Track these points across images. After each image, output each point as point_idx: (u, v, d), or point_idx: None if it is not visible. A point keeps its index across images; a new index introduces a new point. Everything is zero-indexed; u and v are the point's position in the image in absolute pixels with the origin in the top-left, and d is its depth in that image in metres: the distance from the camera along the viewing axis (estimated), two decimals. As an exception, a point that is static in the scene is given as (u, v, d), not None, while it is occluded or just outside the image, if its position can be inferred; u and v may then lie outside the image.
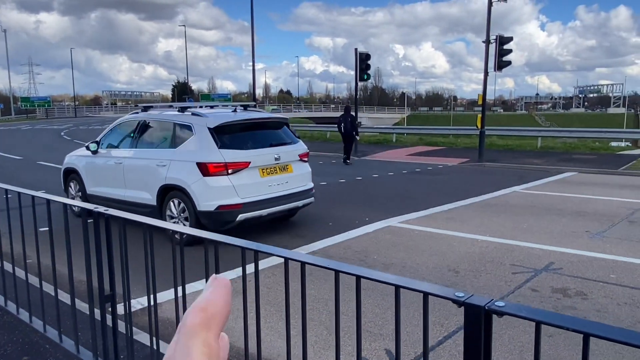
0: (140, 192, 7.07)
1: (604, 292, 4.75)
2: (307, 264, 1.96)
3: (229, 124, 6.70)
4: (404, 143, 23.03)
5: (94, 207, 2.95)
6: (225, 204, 6.35)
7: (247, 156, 6.56)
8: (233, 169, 6.40)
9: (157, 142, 7.23)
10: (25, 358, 3.44)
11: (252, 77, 30.05)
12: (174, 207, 6.71)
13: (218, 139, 6.45)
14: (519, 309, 1.39)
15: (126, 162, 7.33)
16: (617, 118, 67.64)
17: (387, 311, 4.29)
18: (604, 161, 15.31)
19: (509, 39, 15.92)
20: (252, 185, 6.57)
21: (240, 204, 6.42)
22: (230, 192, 6.37)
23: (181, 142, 6.76)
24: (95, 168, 7.97)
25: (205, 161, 6.34)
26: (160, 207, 6.80)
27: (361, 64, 18.36)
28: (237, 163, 6.43)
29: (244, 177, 6.48)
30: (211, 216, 6.39)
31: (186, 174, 6.47)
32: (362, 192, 10.94)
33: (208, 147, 6.43)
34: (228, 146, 6.50)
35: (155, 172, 6.80)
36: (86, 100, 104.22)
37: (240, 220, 6.47)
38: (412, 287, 1.64)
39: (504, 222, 7.69)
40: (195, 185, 6.38)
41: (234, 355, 3.61)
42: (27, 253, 3.84)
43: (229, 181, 6.37)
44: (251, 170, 6.56)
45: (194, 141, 6.58)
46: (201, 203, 6.35)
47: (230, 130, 6.73)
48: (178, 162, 6.61)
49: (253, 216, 6.61)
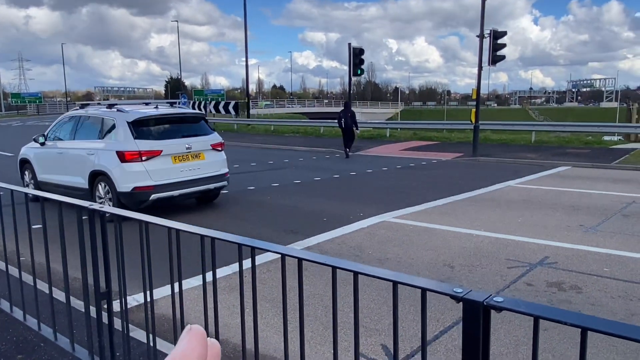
0: (76, 177, 8.23)
1: (598, 286, 4.78)
2: (304, 260, 1.96)
3: (145, 118, 7.85)
4: (397, 138, 23.05)
5: (89, 204, 2.93)
6: (139, 185, 7.51)
7: (159, 145, 7.72)
8: (146, 156, 7.56)
9: (89, 134, 8.35)
10: (20, 357, 3.41)
11: (245, 72, 29.91)
12: (101, 189, 7.88)
13: (134, 131, 7.63)
14: (517, 304, 1.39)
15: (65, 152, 8.55)
16: (610, 112, 68.04)
17: (382, 306, 4.29)
18: (597, 155, 15.40)
19: (502, 34, 15.94)
20: (164, 170, 7.71)
21: (153, 185, 7.59)
22: (144, 175, 7.53)
23: (106, 134, 7.98)
24: (43, 158, 9.15)
25: (123, 150, 7.53)
26: (91, 189, 7.98)
27: (354, 58, 18.33)
28: (150, 151, 7.60)
29: (156, 163, 7.65)
30: (128, 196, 7.54)
31: (108, 161, 7.64)
32: (356, 188, 10.94)
33: (125, 138, 7.62)
34: (143, 137, 7.68)
35: (87, 160, 8.00)
36: (78, 96, 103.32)
37: (153, 199, 7.62)
38: (410, 283, 1.63)
39: (498, 217, 7.72)
40: (115, 170, 7.56)
41: (232, 351, 3.61)
42: (21, 251, 3.81)
43: (143, 167, 7.53)
44: (163, 158, 7.72)
45: (115, 133, 7.80)
46: (120, 185, 7.53)
47: (147, 123, 7.89)
48: (103, 151, 7.81)
49: (165, 196, 7.77)
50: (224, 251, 2.45)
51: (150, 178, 7.57)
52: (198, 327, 0.46)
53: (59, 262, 3.26)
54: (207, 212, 8.55)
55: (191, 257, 2.33)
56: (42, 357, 3.40)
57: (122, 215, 2.71)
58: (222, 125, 32.89)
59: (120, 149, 7.54)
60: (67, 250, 3.16)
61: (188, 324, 0.50)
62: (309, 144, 21.03)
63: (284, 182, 11.57)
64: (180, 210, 8.52)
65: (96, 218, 2.88)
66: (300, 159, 16.41)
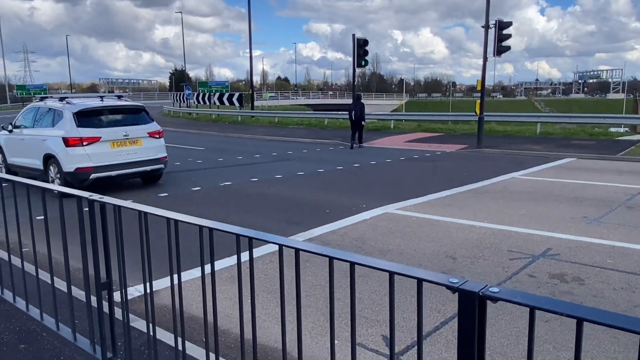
0: (35, 160, 9.65)
1: (601, 278, 4.76)
2: (302, 251, 1.95)
3: (88, 109, 9.21)
4: (402, 129, 22.97)
5: (89, 195, 2.94)
6: (81, 166, 8.88)
7: (98, 132, 9.07)
8: (87, 141, 8.91)
9: (44, 123, 9.70)
10: (22, 346, 3.44)
11: (250, 64, 29.80)
12: (52, 170, 9.25)
13: (78, 121, 8.99)
14: (513, 295, 1.38)
15: (27, 138, 10.02)
16: (617, 104, 67.49)
17: (384, 297, 4.29)
18: (602, 147, 15.29)
19: (508, 24, 15.79)
20: (103, 154, 9.05)
21: (92, 167, 8.95)
22: (85, 158, 8.88)
23: (56, 122, 9.31)
24: (10, 143, 10.64)
25: (67, 136, 8.89)
26: (46, 170, 9.41)
27: (359, 49, 18.23)
28: (90, 137, 8.94)
29: (96, 147, 8.98)
30: (72, 175, 8.89)
31: (56, 145, 8.99)
32: (360, 179, 10.92)
33: (70, 127, 8.98)
34: (85, 125, 9.02)
35: (42, 145, 9.37)
36: (83, 88, 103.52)
37: (93, 178, 8.98)
38: (406, 274, 1.62)
39: (502, 208, 7.69)
40: (61, 153, 8.92)
41: (233, 342, 3.62)
42: (23, 241, 3.83)
43: (84, 151, 8.88)
44: (102, 143, 9.06)
45: (63, 122, 9.14)
46: (65, 166, 8.92)
47: (89, 114, 9.23)
48: (53, 137, 9.13)
49: (104, 176, 9.12)
50: (228, 242, 2.44)
51: (91, 160, 8.93)
52: None
53: (60, 253, 3.28)
54: (210, 203, 8.57)
55: (195, 249, 2.33)
56: (45, 347, 3.43)
57: (120, 205, 2.71)
58: (226, 117, 32.90)
59: (65, 136, 8.90)
60: (68, 240, 3.17)
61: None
62: (313, 136, 21.00)
63: (287, 173, 11.57)
64: (186, 202, 8.55)
65: (96, 208, 2.89)
66: (304, 151, 16.39)
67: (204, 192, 9.54)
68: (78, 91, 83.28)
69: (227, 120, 32.07)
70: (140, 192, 9.49)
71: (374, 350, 3.50)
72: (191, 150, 16.64)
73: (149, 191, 9.54)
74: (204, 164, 13.31)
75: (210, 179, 10.97)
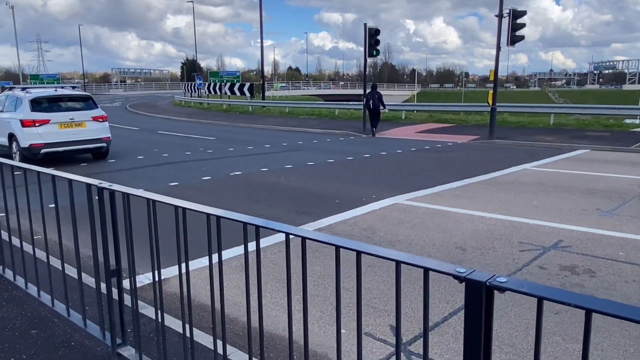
0: (3, 138, 11.86)
1: (613, 270, 4.71)
2: (308, 239, 1.94)
3: (41, 97, 11.58)
4: (413, 120, 22.82)
5: (99, 183, 2.95)
6: (33, 143, 11.06)
7: (48, 116, 11.27)
8: (39, 123, 11.12)
9: (10, 108, 11.90)
10: (34, 331, 3.49)
11: (261, 54, 29.80)
12: (14, 146, 11.46)
13: (32, 107, 11.28)
14: (520, 285, 1.36)
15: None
16: (632, 95, 66.39)
17: (392, 288, 4.28)
18: (617, 138, 15.07)
19: (522, 13, 15.54)
20: (52, 134, 11.23)
21: (43, 143, 11.12)
22: (37, 137, 11.08)
23: (17, 108, 11.56)
24: None
25: (23, 119, 11.16)
26: (10, 146, 11.61)
27: (370, 39, 18.07)
28: (41, 120, 11.16)
29: (46, 128, 11.18)
30: (27, 150, 11.06)
31: (16, 126, 11.26)
32: (370, 170, 10.88)
33: (26, 111, 11.24)
34: (38, 110, 11.29)
35: (7, 126, 11.62)
36: (95, 77, 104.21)
37: (43, 153, 11.12)
38: (412, 263, 1.61)
39: (513, 200, 7.62)
40: (19, 132, 11.19)
41: (241, 330, 3.64)
42: (35, 229, 3.87)
43: (36, 130, 11.09)
44: (52, 125, 11.24)
45: (22, 107, 11.40)
46: (21, 143, 11.17)
47: (42, 101, 11.54)
48: (14, 119, 11.38)
49: (52, 151, 11.25)
50: (236, 231, 2.44)
51: (42, 138, 11.11)
52: None
53: (71, 240, 3.31)
54: (220, 193, 8.60)
55: (204, 239, 2.33)
56: (56, 333, 3.47)
57: (129, 192, 2.72)
58: (237, 107, 32.92)
59: (22, 118, 11.17)
60: (79, 228, 3.20)
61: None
62: (323, 126, 20.95)
63: (297, 164, 11.56)
64: (196, 192, 8.59)
65: (105, 195, 2.90)
66: (315, 141, 16.36)
67: (214, 181, 9.57)
68: (91, 81, 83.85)
69: (238, 110, 32.08)
70: (152, 182, 9.55)
71: (381, 339, 3.50)
72: (202, 140, 16.69)
73: (160, 180, 9.60)
74: (215, 154, 13.35)
75: (221, 168, 11.01)
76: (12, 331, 3.50)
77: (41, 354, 3.21)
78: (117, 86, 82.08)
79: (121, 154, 13.31)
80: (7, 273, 4.36)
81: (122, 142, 16.40)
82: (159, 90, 79.61)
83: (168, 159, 12.39)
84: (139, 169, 11.08)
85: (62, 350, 3.26)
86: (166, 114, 30.87)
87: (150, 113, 31.79)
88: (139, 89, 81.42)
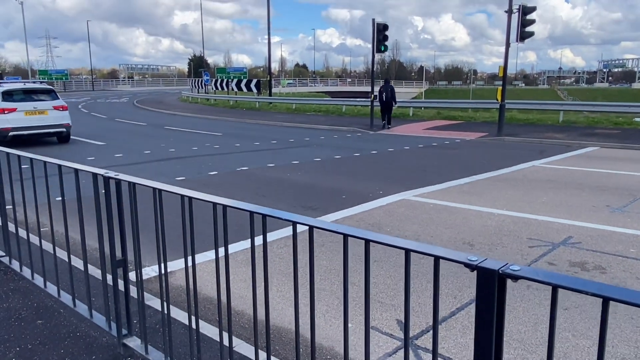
0: None
1: (623, 266, 4.64)
2: (315, 228, 1.91)
3: (11, 90, 13.96)
4: (421, 117, 22.71)
5: (105, 172, 2.93)
6: (2, 127, 13.20)
7: (15, 105, 13.53)
8: (7, 111, 13.36)
9: None
10: (40, 322, 3.49)
11: (268, 50, 29.77)
12: None
13: (3, 97, 13.51)
14: (535, 273, 1.32)
15: None
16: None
17: (399, 282, 4.25)
18: (627, 136, 14.91)
19: (532, 9, 15.39)
20: (18, 119, 13.49)
21: (10, 127, 13.32)
22: (5, 122, 13.29)
23: None
24: None
25: None
26: None
27: (378, 34, 17.98)
28: (9, 108, 13.41)
29: (13, 115, 13.44)
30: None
31: None
32: (377, 166, 10.83)
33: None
34: (7, 100, 13.51)
35: None
36: (103, 73, 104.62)
37: (11, 135, 13.29)
38: (422, 251, 1.57)
39: (521, 196, 7.54)
40: None
41: (247, 322, 3.62)
42: (42, 221, 3.87)
43: (5, 117, 13.30)
44: (18, 112, 13.51)
45: None
46: None
47: (11, 93, 13.83)
48: None
49: (18, 134, 13.47)
50: (243, 225, 2.41)
51: (9, 123, 13.34)
52: None
53: (77, 232, 3.30)
54: (227, 187, 8.59)
55: (211, 232, 2.31)
56: (62, 323, 3.47)
57: (135, 182, 2.70)
58: (244, 104, 32.92)
59: None
60: (85, 219, 3.18)
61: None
62: (330, 123, 20.90)
63: (304, 159, 11.53)
64: (202, 186, 8.59)
65: (111, 186, 2.88)
66: (322, 137, 16.32)
67: (221, 176, 9.56)
68: (99, 77, 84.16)
69: (245, 106, 32.09)
70: (159, 176, 9.56)
71: (388, 334, 3.46)
72: (209, 136, 16.70)
73: (167, 175, 9.60)
74: (221, 149, 13.34)
75: (227, 163, 11.00)
76: (18, 321, 3.50)
77: (47, 344, 3.20)
78: (124, 82, 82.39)
79: (128, 149, 13.34)
80: (13, 264, 4.37)
81: (130, 138, 16.44)
82: (167, 86, 79.83)
83: (175, 154, 12.39)
84: (146, 164, 11.10)
85: (68, 340, 3.25)
86: (173, 109, 30.93)
87: (157, 109, 31.86)
88: (147, 85, 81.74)
